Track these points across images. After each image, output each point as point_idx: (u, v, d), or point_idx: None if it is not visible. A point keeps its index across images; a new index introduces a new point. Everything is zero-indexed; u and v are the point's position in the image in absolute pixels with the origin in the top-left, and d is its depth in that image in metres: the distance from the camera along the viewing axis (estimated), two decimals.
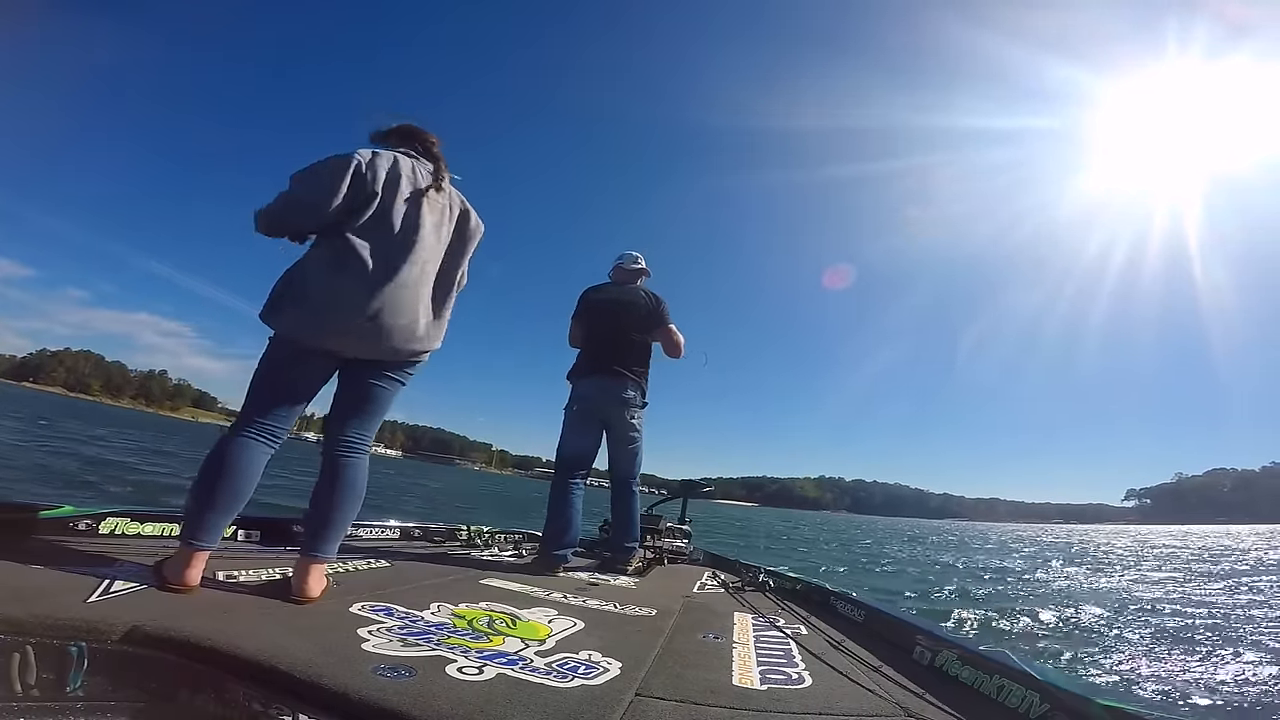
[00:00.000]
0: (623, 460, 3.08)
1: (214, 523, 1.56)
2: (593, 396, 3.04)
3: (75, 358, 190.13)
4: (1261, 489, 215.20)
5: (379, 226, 1.68)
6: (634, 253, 3.32)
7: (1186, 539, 38.75)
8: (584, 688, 1.15)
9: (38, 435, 15.06)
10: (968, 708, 1.29)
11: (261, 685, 1.04)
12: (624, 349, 3.07)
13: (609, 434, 3.07)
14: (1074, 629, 6.17)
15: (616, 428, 3.05)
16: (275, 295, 1.68)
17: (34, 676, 1.02)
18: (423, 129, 1.89)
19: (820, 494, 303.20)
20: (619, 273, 3.32)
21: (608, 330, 3.10)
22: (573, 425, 3.05)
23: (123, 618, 1.14)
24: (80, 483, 8.21)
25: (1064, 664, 4.64)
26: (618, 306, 3.14)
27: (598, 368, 3.04)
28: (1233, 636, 5.89)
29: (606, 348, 3.07)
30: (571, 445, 3.01)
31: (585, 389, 3.06)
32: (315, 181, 1.63)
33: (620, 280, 3.29)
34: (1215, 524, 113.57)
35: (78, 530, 1.88)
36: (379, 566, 2.22)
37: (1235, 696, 3.91)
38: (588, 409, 3.05)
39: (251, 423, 1.63)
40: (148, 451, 16.26)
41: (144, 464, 12.46)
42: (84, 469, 9.72)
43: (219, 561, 1.82)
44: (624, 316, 3.12)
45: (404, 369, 1.84)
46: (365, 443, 1.81)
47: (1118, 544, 30.64)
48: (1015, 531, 57.76)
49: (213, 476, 1.57)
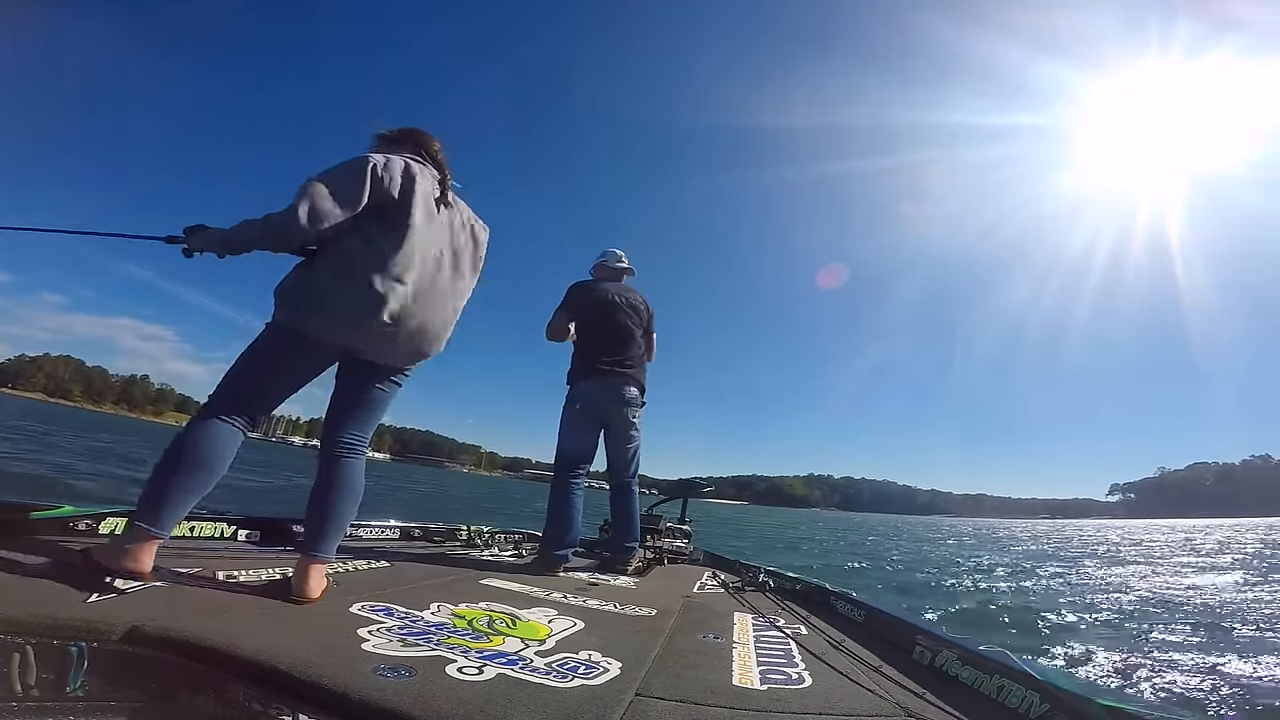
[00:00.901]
0: (622, 459, 3.06)
1: (172, 510, 1.49)
2: (596, 395, 2.99)
3: (55, 363, 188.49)
4: (1242, 482, 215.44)
5: (396, 229, 1.66)
6: (617, 250, 3.28)
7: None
8: (584, 688, 1.15)
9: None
10: (968, 708, 1.29)
11: (261, 685, 1.04)
12: (627, 348, 3.05)
13: (608, 433, 3.05)
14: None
15: (617, 427, 3.03)
16: (286, 289, 1.65)
17: (34, 676, 1.02)
18: (427, 133, 1.87)
19: (809, 491, 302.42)
20: (604, 270, 3.26)
21: (611, 328, 3.06)
22: (573, 424, 3.00)
23: (123, 618, 1.14)
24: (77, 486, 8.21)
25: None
26: (623, 305, 3.10)
27: (601, 366, 2.99)
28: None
29: (610, 346, 3.02)
30: (572, 445, 2.98)
31: (589, 388, 3.00)
32: (342, 184, 1.59)
33: (605, 277, 3.24)
34: (1200, 518, 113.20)
35: (78, 530, 1.88)
36: (379, 567, 2.22)
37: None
38: (590, 408, 3.00)
39: (228, 407, 1.57)
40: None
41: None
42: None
43: (219, 561, 1.82)
44: (630, 315, 3.09)
45: (405, 371, 1.84)
46: (363, 444, 1.80)
47: (1154, 539, 29.86)
48: (1005, 526, 57.57)
49: (179, 460, 1.49)
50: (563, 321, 3.10)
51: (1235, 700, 3.77)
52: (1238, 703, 3.74)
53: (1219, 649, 5.14)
